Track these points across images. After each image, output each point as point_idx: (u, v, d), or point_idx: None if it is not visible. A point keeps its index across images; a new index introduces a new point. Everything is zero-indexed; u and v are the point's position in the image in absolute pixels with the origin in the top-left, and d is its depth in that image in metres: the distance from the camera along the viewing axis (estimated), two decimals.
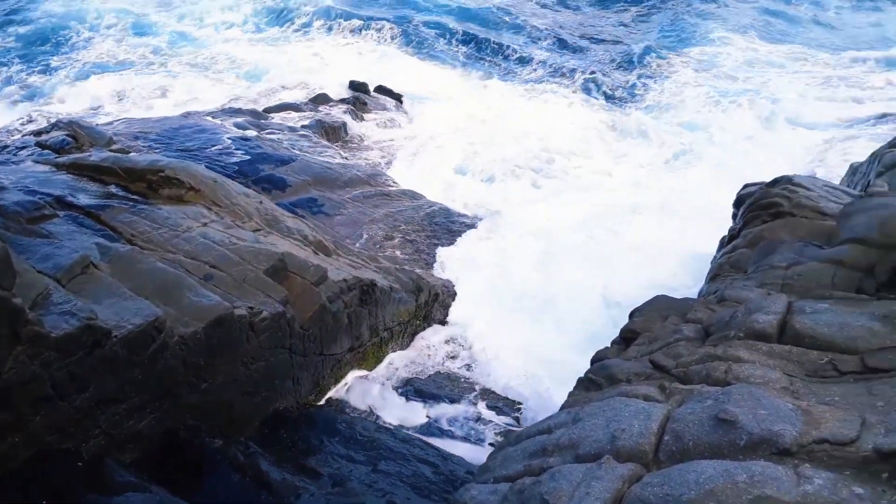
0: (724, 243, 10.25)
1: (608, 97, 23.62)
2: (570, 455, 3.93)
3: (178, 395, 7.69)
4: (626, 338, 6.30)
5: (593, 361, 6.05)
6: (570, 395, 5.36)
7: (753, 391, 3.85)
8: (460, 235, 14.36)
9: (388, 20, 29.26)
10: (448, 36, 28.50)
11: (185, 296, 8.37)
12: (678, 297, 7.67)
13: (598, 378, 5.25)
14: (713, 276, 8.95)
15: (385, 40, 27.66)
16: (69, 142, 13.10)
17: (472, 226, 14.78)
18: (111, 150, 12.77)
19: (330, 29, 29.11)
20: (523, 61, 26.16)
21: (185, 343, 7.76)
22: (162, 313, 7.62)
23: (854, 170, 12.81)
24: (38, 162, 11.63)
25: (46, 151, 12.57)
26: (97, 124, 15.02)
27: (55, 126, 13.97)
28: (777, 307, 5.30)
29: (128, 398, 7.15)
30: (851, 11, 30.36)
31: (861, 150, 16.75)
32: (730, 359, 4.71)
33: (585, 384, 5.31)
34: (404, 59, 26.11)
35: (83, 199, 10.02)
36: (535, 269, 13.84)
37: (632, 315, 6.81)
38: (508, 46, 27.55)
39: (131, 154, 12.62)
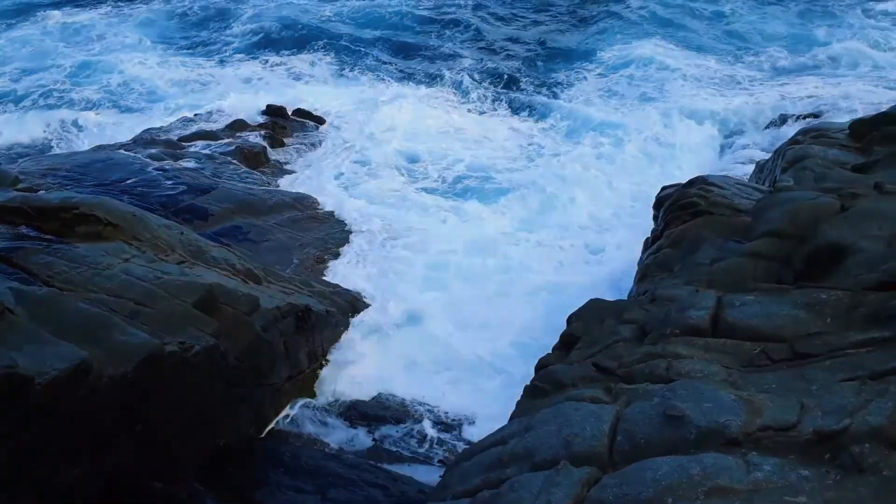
0: (647, 245, 10.63)
1: (516, 107, 23.90)
2: (527, 464, 3.96)
3: (114, 439, 7.31)
4: (567, 342, 6.43)
5: (537, 369, 6.13)
6: (518, 404, 5.41)
7: (697, 385, 4.00)
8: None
9: (312, 39, 29.03)
10: (372, 51, 28.47)
11: (111, 335, 7.98)
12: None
13: (545, 385, 5.33)
14: (641, 277, 9.27)
15: (311, 61, 27.35)
16: None
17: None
18: (17, 190, 12.07)
19: (250, 52, 28.57)
20: (443, 73, 26.32)
21: (116, 384, 7.39)
22: (88, 355, 7.24)
23: (761, 167, 13.56)
24: None
25: None
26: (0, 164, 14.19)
27: None
28: (707, 302, 5.54)
29: (59, 447, 6.74)
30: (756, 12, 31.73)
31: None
32: (669, 356, 4.88)
33: (532, 392, 5.38)
34: (327, 79, 25.88)
35: None
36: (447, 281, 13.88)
37: (569, 320, 6.95)
38: (434, 58, 27.75)
39: (41, 192, 11.96)
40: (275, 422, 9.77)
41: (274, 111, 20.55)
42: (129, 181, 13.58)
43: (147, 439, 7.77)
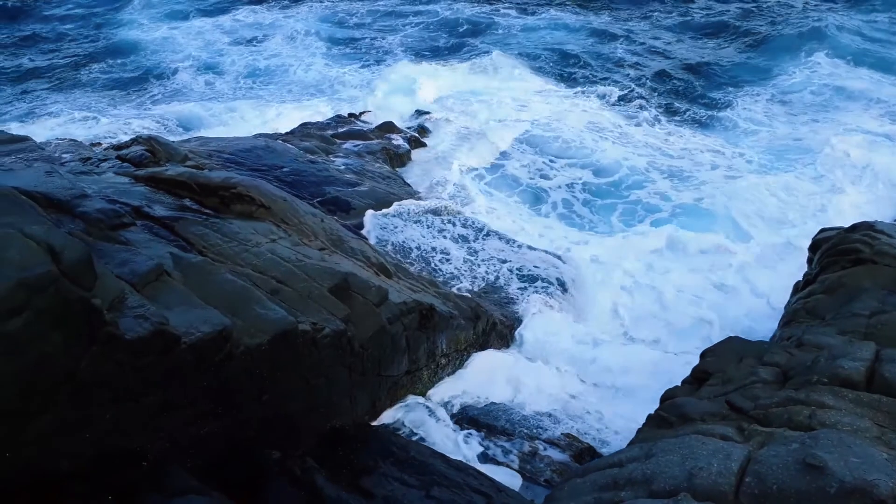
0: (798, 288, 9.91)
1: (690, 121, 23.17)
2: (643, 490, 3.82)
3: (241, 405, 7.83)
4: (698, 377, 6.12)
5: (663, 399, 5.89)
6: (640, 431, 5.22)
7: (844, 437, 3.68)
8: (528, 268, 14.32)
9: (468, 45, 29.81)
10: (539, 60, 28.69)
11: (252, 308, 8.57)
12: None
13: (670, 416, 5.11)
14: (788, 321, 8.65)
15: (468, 67, 27.99)
16: (147, 156, 13.68)
17: (544, 258, 14.74)
18: (186, 166, 13.28)
19: (407, 55, 29.76)
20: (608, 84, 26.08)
21: (251, 354, 7.91)
22: (230, 323, 7.80)
23: None
24: (118, 174, 12.19)
25: (126, 164, 13.16)
26: (174, 141, 15.66)
27: (135, 141, 14.61)
28: (864, 354, 5.08)
29: (193, 405, 7.31)
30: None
31: None
32: (813, 404, 4.52)
33: (656, 421, 5.17)
34: (480, 83, 26.34)
35: (159, 211, 10.42)
36: (610, 313, 13.76)
37: (703, 355, 6.63)
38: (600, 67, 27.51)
39: (205, 170, 13.08)
40: (389, 412, 10.05)
41: (422, 115, 21.26)
42: (283, 169, 14.53)
43: (271, 410, 8.25)
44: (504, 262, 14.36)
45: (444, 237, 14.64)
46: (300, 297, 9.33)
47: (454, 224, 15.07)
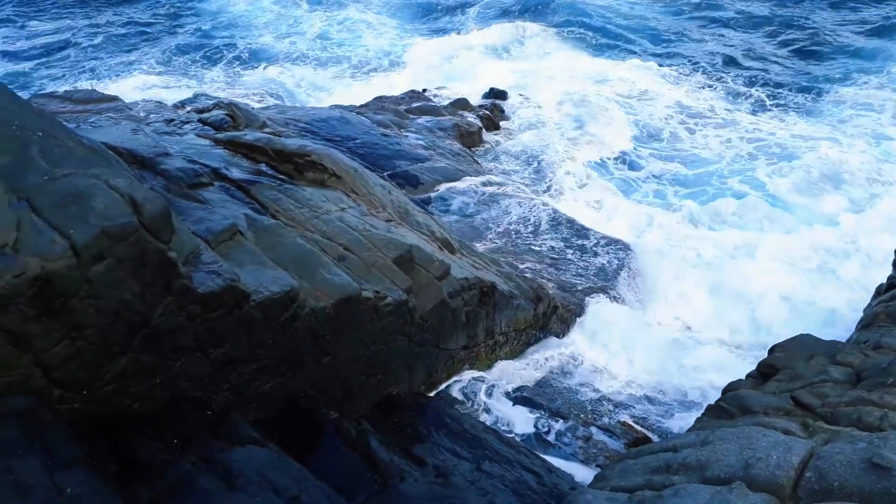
0: (881, 291, 9.44)
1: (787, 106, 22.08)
2: (696, 475, 3.76)
3: (303, 365, 8.09)
4: (764, 372, 5.94)
5: (725, 392, 5.76)
6: (698, 420, 5.13)
7: None
8: (596, 255, 14.14)
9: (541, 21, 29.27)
10: (624, 39, 27.90)
11: (318, 272, 8.81)
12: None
13: (731, 407, 4.99)
14: (866, 324, 8.26)
15: (546, 49, 27.53)
16: (227, 121, 14.13)
17: (612, 245, 14.52)
18: (263, 133, 13.66)
19: (483, 28, 29.51)
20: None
21: (315, 316, 8.14)
22: (297, 285, 8.05)
23: None
24: (199, 136, 12.66)
25: (207, 127, 13.62)
26: (253, 108, 16.11)
27: (216, 105, 15.11)
28: None
29: (258, 360, 7.60)
30: None
31: None
32: (886, 406, 4.32)
33: (716, 412, 5.07)
34: (560, 60, 25.79)
35: (236, 173, 10.79)
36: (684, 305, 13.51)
37: (772, 350, 6.42)
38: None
39: (281, 138, 13.42)
40: (444, 385, 10.17)
41: (496, 94, 21.10)
42: (356, 140, 14.76)
43: (331, 372, 8.48)
44: (571, 246, 14.21)
45: (512, 217, 14.58)
46: (365, 265, 9.51)
47: (521, 205, 15.00)
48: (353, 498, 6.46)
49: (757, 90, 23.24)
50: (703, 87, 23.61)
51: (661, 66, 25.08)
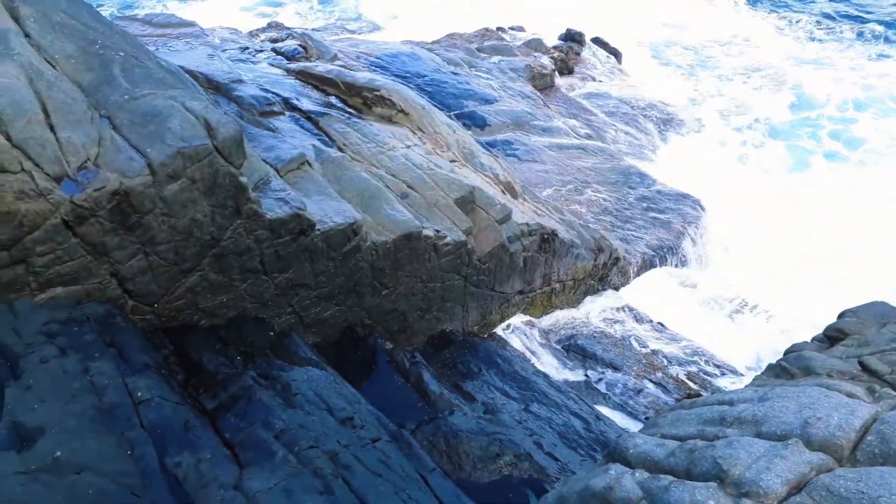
0: None
1: None
2: (752, 430, 3.71)
3: (362, 295, 8.27)
4: (831, 336, 5.75)
5: (787, 352, 5.61)
6: (757, 378, 5.04)
7: None
8: (665, 210, 13.78)
9: None
10: None
11: (381, 208, 8.90)
12: None
13: (793, 368, 4.87)
14: None
15: None
16: (300, 52, 14.17)
17: (684, 202, 14.12)
18: (335, 65, 13.66)
19: None
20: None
21: (376, 250, 8.28)
22: (360, 218, 8.17)
23: None
24: (272, 65, 12.77)
25: (280, 57, 13.71)
26: (325, 40, 16.08)
27: (290, 36, 15.15)
28: None
29: (319, 287, 7.81)
30: None
31: None
32: None
33: (776, 371, 4.95)
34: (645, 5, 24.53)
35: (306, 104, 10.88)
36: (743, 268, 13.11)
37: (841, 315, 6.19)
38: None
39: (352, 71, 13.39)
40: (498, 328, 10.26)
41: (572, 36, 20.42)
42: (425, 77, 14.61)
43: (388, 304, 8.65)
44: (641, 199, 13.88)
45: (580, 165, 14.30)
46: (427, 204, 9.56)
47: (591, 154, 14.68)
48: (402, 424, 6.67)
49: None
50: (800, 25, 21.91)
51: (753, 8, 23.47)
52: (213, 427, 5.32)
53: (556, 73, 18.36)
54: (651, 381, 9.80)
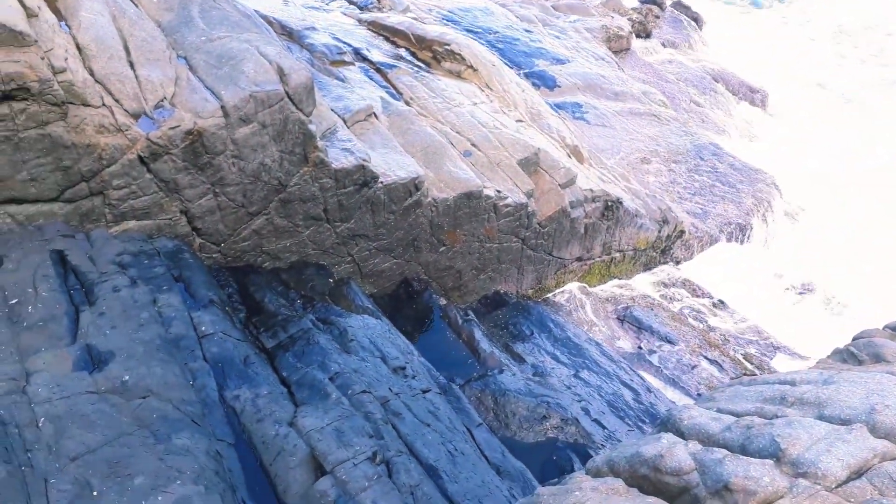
0: None
1: None
2: (813, 411, 3.61)
3: (419, 250, 8.35)
4: None
5: (856, 338, 5.40)
6: (821, 362, 4.88)
7: None
8: (739, 186, 13.33)
9: None
10: None
11: (444, 164, 8.89)
12: None
13: (862, 354, 4.69)
14: None
15: None
16: (372, 2, 14.09)
17: (758, 179, 13.62)
18: (407, 17, 13.55)
19: None
20: None
21: (436, 206, 8.30)
22: (423, 174, 8.19)
23: None
24: (344, 14, 12.77)
25: (353, 7, 13.67)
26: None
27: None
28: None
29: (379, 239, 7.91)
30: None
31: None
32: None
33: (843, 356, 4.79)
34: None
35: (376, 56, 10.88)
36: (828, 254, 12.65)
37: None
38: None
39: (424, 24, 13.26)
40: (552, 293, 10.21)
41: None
42: (496, 33, 14.36)
43: (445, 261, 8.71)
44: (713, 173, 13.44)
45: (651, 134, 13.91)
46: (490, 163, 9.49)
47: (662, 123, 14.24)
48: (452, 379, 6.77)
49: None
50: None
51: None
52: (271, 365, 5.52)
53: (633, 35, 17.77)
54: (706, 358, 9.63)
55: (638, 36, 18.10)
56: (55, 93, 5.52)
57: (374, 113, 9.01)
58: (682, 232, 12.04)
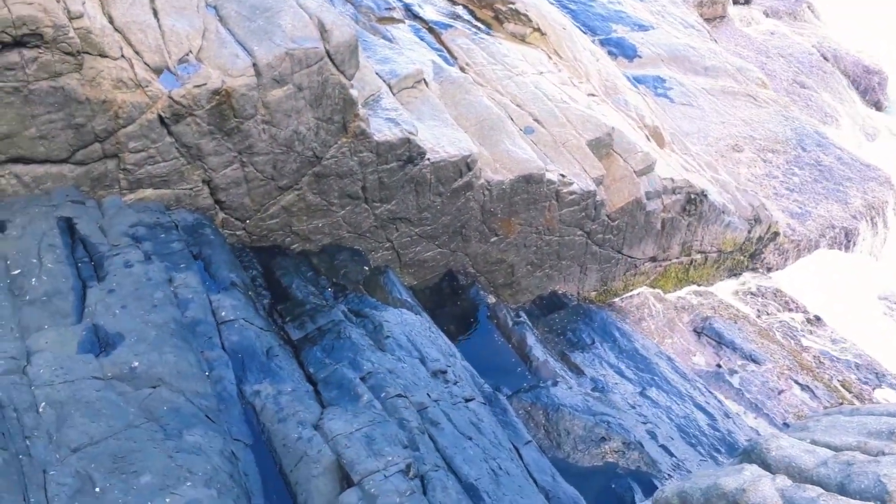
0: None
1: None
2: None
3: (468, 240, 8.37)
4: None
5: None
6: None
7: None
8: (848, 186, 12.99)
9: None
10: None
11: (501, 141, 8.89)
12: None
13: None
14: None
15: None
16: None
17: (872, 177, 13.26)
18: None
19: None
20: None
21: (490, 189, 8.31)
22: (476, 151, 8.19)
23: None
24: None
25: None
26: None
27: None
28: None
29: (422, 224, 7.96)
30: None
31: None
32: None
33: None
34: None
35: (429, 14, 10.91)
36: None
37: None
38: None
39: None
40: (619, 298, 10.13)
41: None
42: None
43: (495, 253, 8.72)
44: (819, 168, 13.11)
45: (747, 118, 13.65)
46: (554, 142, 9.44)
47: (760, 107, 13.95)
48: (498, 388, 6.78)
49: None
50: None
51: None
52: (296, 359, 5.61)
53: (731, 1, 17.43)
54: (797, 382, 9.43)
55: (736, 2, 17.74)
56: (70, 41, 5.69)
57: (424, 79, 9.04)
58: (776, 234, 11.81)
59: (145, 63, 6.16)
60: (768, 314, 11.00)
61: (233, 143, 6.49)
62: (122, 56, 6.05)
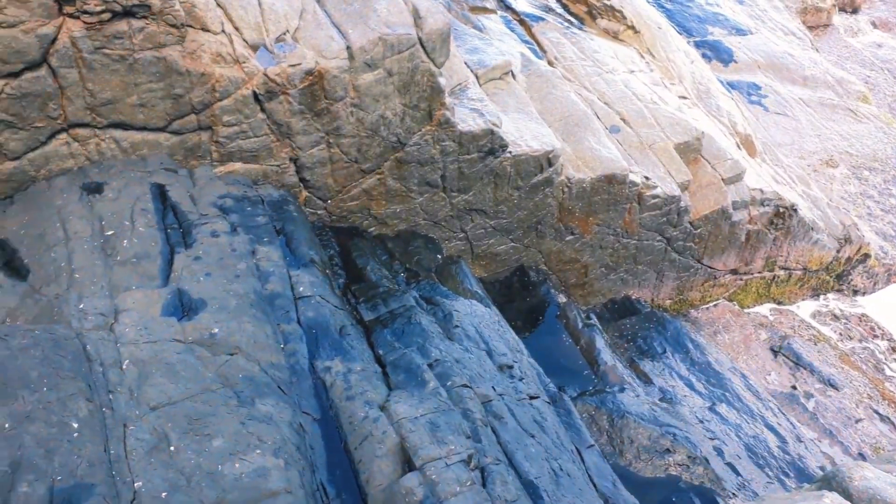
0: None
1: None
2: None
3: (542, 236, 8.42)
4: None
5: None
6: None
7: None
8: None
9: None
10: None
11: (585, 139, 8.89)
12: None
13: None
14: None
15: None
16: None
17: None
18: None
19: None
20: None
21: (569, 186, 8.33)
22: (559, 147, 8.23)
23: None
24: None
25: None
26: None
27: None
28: None
29: (498, 217, 8.05)
30: None
31: None
32: None
33: None
34: None
35: (521, 5, 10.95)
36: None
37: None
38: None
39: None
40: (696, 309, 10.02)
41: None
42: None
43: (570, 252, 8.75)
44: None
45: (844, 132, 13.25)
46: (640, 143, 9.39)
47: (860, 122, 13.51)
48: (563, 388, 6.84)
49: None
50: None
51: None
52: (367, 339, 5.79)
53: (836, 9, 16.87)
54: (877, 412, 9.18)
55: (842, 10, 17.15)
56: (175, 13, 5.97)
57: (512, 71, 9.11)
58: (867, 255, 11.45)
59: (244, 39, 6.41)
60: (851, 339, 10.71)
61: (321, 123, 6.71)
62: (223, 31, 6.31)
